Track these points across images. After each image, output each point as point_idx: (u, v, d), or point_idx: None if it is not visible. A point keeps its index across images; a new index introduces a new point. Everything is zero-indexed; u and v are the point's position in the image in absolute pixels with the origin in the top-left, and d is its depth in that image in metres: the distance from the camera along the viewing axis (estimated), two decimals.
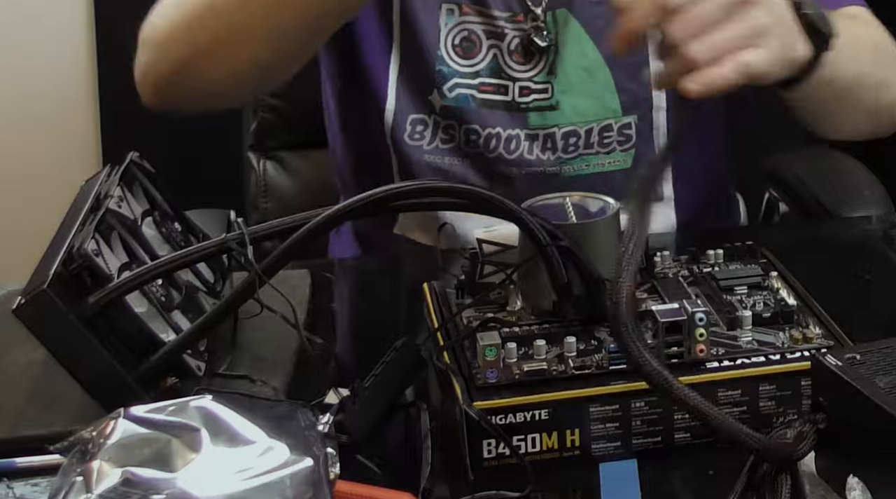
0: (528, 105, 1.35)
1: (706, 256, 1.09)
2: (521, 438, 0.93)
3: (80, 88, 2.47)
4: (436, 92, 1.36)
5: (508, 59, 1.36)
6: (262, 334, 1.09)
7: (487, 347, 0.93)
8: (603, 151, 1.36)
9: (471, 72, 1.35)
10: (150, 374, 0.96)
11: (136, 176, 1.11)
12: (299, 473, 0.79)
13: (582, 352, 0.95)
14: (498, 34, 1.35)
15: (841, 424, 0.84)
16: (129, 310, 0.97)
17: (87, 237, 0.97)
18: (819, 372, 0.86)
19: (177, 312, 1.03)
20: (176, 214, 1.12)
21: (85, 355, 0.95)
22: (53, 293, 0.93)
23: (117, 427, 0.81)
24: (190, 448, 0.80)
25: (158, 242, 1.07)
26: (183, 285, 1.05)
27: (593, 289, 0.98)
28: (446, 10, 1.36)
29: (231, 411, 0.82)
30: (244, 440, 0.81)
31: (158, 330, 0.99)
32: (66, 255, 0.96)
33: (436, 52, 1.36)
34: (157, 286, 1.01)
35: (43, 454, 0.91)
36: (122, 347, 0.96)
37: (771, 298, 1.02)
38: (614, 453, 0.94)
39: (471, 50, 1.36)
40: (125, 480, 0.78)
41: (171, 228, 1.10)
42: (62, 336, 0.94)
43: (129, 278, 0.96)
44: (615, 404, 0.93)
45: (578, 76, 1.35)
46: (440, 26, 1.36)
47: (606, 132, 1.36)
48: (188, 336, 0.98)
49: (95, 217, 1.01)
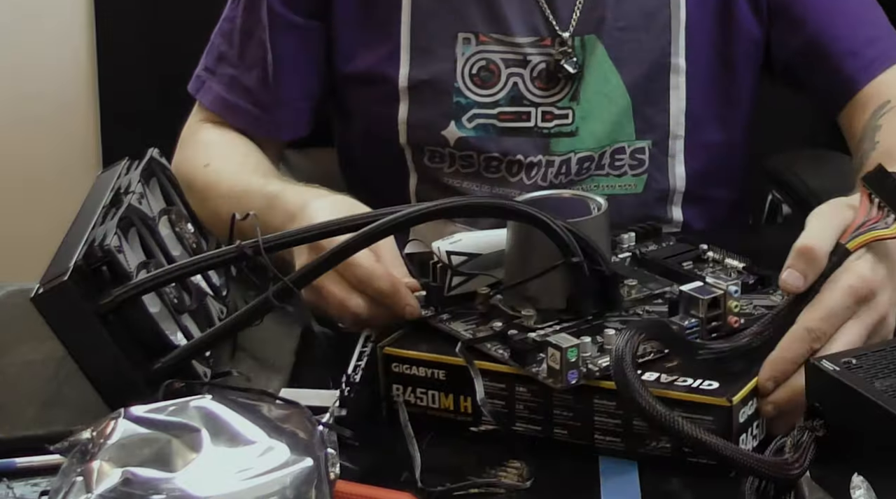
0: (550, 131, 1.34)
1: (620, 239, 1.10)
2: (423, 391, 0.98)
3: (80, 89, 2.47)
4: (452, 124, 1.34)
5: (531, 85, 1.34)
6: (263, 335, 1.09)
7: (570, 349, 0.92)
8: (614, 173, 1.36)
9: (490, 101, 1.34)
10: (159, 375, 0.96)
11: (156, 173, 1.10)
12: (299, 473, 0.79)
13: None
14: (520, 61, 1.33)
15: (840, 429, 0.84)
16: (145, 310, 0.96)
17: (109, 232, 0.96)
18: (815, 378, 0.86)
19: (186, 315, 1.02)
20: (190, 214, 1.12)
21: (97, 351, 0.94)
22: (73, 285, 0.92)
23: (117, 427, 0.81)
24: (190, 448, 0.80)
25: (172, 242, 1.07)
26: (193, 289, 1.04)
27: (609, 281, 0.99)
28: (462, 39, 1.34)
29: (231, 411, 0.82)
30: (244, 440, 0.81)
31: (169, 332, 0.98)
32: (87, 247, 0.95)
33: (452, 84, 1.34)
34: (171, 288, 1.01)
35: (43, 454, 0.91)
36: (134, 346, 0.96)
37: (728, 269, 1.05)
38: (495, 429, 0.96)
39: (489, 79, 1.34)
40: (125, 480, 0.78)
41: (184, 228, 1.09)
42: (77, 330, 0.94)
43: (148, 278, 0.96)
44: (502, 383, 0.96)
45: (599, 102, 1.34)
46: (456, 56, 1.34)
47: (619, 155, 1.35)
48: (204, 340, 0.97)
49: (117, 212, 1.00)
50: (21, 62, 2.45)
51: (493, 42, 1.34)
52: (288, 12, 1.37)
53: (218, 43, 1.43)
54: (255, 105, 1.40)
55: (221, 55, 1.42)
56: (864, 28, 1.36)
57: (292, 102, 1.40)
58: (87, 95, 2.47)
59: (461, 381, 0.97)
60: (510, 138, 1.34)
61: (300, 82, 1.40)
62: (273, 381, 1.02)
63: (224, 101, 1.41)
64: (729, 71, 1.37)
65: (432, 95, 1.35)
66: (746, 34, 1.36)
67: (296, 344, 1.09)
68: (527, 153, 1.34)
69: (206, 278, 1.07)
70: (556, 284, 0.99)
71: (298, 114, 1.41)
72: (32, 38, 2.44)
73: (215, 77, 1.43)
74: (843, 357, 0.86)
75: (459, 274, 1.03)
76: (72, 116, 2.48)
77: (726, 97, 1.38)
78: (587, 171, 1.35)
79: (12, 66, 2.44)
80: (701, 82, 1.36)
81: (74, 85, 2.47)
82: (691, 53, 1.35)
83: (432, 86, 1.34)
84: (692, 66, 1.35)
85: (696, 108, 1.36)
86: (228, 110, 1.41)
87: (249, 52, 1.40)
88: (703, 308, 0.96)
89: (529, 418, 0.96)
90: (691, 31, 1.35)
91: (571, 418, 0.95)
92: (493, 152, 1.34)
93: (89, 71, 2.46)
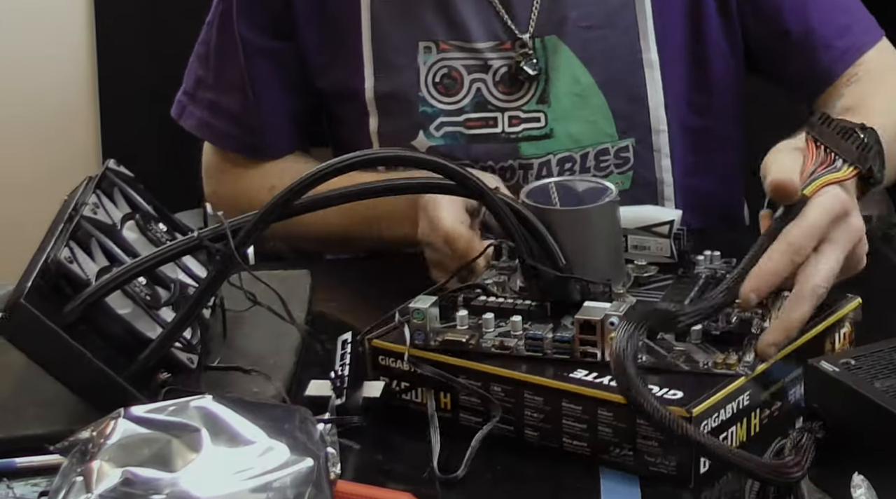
0: (518, 135, 1.35)
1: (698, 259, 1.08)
2: (408, 385, 0.99)
3: (80, 88, 2.47)
4: (421, 134, 1.35)
5: (494, 90, 1.34)
6: (262, 334, 1.09)
7: (416, 311, 0.97)
8: (599, 174, 1.36)
9: (455, 109, 1.34)
10: (140, 372, 0.97)
11: (115, 182, 1.11)
12: (299, 473, 0.79)
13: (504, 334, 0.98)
14: (481, 67, 1.34)
15: (839, 429, 0.84)
16: (112, 312, 0.98)
17: (61, 246, 0.98)
18: (813, 379, 0.86)
19: (166, 309, 1.03)
20: (160, 214, 1.13)
21: (72, 362, 0.95)
22: (31, 305, 0.93)
23: (117, 427, 0.81)
24: (190, 448, 0.80)
25: (143, 245, 1.08)
26: (171, 283, 1.05)
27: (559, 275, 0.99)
28: (423, 48, 1.34)
29: (231, 411, 0.82)
30: (244, 440, 0.81)
31: (146, 329, 0.99)
32: (42, 266, 0.96)
33: (417, 94, 1.34)
34: (141, 286, 1.01)
35: (43, 454, 0.91)
36: (110, 349, 0.97)
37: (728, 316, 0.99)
38: (476, 427, 0.96)
39: (452, 87, 1.34)
40: (125, 480, 0.78)
41: (155, 229, 1.10)
42: (46, 346, 0.95)
43: (105, 281, 0.97)
44: (478, 381, 0.96)
45: (572, 102, 1.34)
46: (419, 65, 1.34)
47: (603, 156, 1.36)
48: (172, 329, 0.98)
49: (70, 226, 1.01)
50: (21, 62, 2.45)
51: (453, 49, 1.34)
52: (256, 37, 1.38)
53: (195, 67, 1.44)
54: (239, 127, 1.41)
55: (199, 79, 1.43)
56: (838, 16, 1.37)
57: (273, 123, 1.41)
58: (87, 95, 2.47)
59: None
60: (479, 145, 1.35)
61: (277, 103, 1.41)
62: (273, 381, 1.02)
63: (209, 127, 1.43)
64: (701, 61, 1.38)
65: (398, 106, 1.35)
66: (717, 24, 1.37)
67: (296, 343, 1.09)
68: (497, 159, 1.34)
69: (186, 271, 1.09)
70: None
71: (280, 133, 1.42)
72: (32, 38, 2.44)
73: (195, 102, 1.44)
74: (843, 358, 0.86)
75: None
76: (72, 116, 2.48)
77: (701, 85, 1.39)
78: (571, 173, 1.35)
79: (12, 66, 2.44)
80: (676, 74, 1.36)
81: (74, 85, 2.47)
82: (663, 47, 1.35)
83: (397, 97, 1.35)
84: (665, 59, 1.35)
85: (673, 99, 1.37)
86: (215, 136, 1.44)
87: (226, 76, 1.41)
88: (576, 326, 0.95)
89: (503, 418, 0.95)
90: (659, 25, 1.35)
91: (542, 420, 0.94)
92: (464, 160, 1.34)
93: (89, 71, 2.46)
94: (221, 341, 1.09)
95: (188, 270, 1.09)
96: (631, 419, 0.90)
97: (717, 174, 1.44)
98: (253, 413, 0.83)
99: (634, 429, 0.90)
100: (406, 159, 1.03)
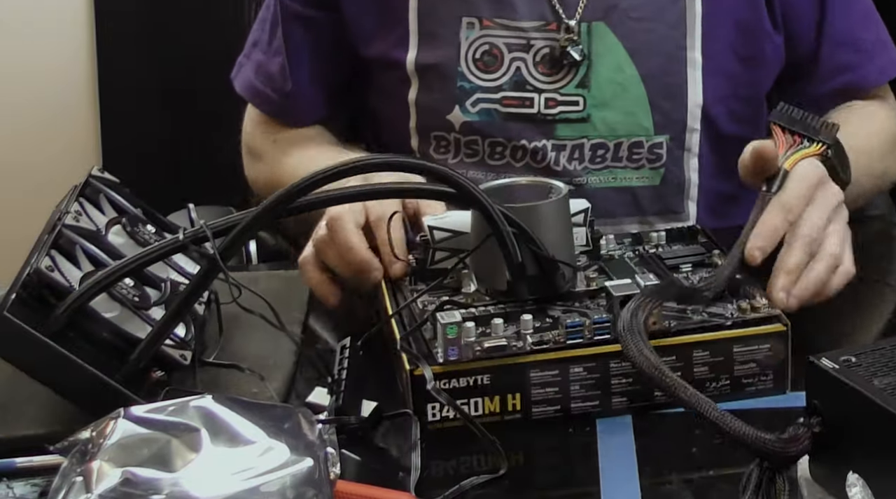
0: (554, 117, 1.35)
1: (649, 237, 1.13)
2: (464, 402, 0.96)
3: (80, 89, 2.47)
4: (457, 109, 1.36)
5: (534, 70, 1.35)
6: (260, 335, 1.09)
7: (448, 326, 0.95)
8: (632, 165, 1.36)
9: (493, 86, 1.35)
10: (132, 373, 0.97)
11: (100, 189, 1.11)
12: (299, 473, 0.79)
13: (538, 329, 0.98)
14: (523, 46, 1.35)
15: (838, 426, 0.84)
16: (98, 316, 0.98)
17: (41, 256, 0.98)
18: (814, 375, 0.86)
19: (157, 309, 1.03)
20: (148, 216, 1.13)
21: (62, 370, 0.95)
22: (14, 316, 0.93)
23: (117, 427, 0.81)
24: (190, 448, 0.80)
25: (131, 248, 1.08)
26: (161, 283, 1.05)
27: (547, 269, 1.00)
28: (466, 23, 1.35)
29: (231, 411, 0.82)
30: (244, 440, 0.81)
31: (136, 330, 0.99)
32: (25, 277, 0.97)
33: (456, 69, 1.35)
34: (129, 288, 1.02)
35: (43, 454, 0.91)
36: (100, 353, 0.97)
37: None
38: (553, 416, 0.97)
39: (492, 64, 1.35)
40: (125, 480, 0.78)
41: (143, 231, 1.10)
42: (33, 356, 0.95)
43: (86, 286, 0.97)
44: (555, 369, 0.96)
45: (612, 91, 1.35)
46: (460, 41, 1.35)
47: (637, 149, 1.36)
48: (160, 328, 0.98)
49: (51, 236, 1.01)
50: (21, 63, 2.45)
51: (497, 27, 1.35)
52: (298, 4, 1.42)
53: (255, 28, 1.48)
54: (275, 92, 1.45)
55: (255, 41, 1.47)
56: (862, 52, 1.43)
57: (304, 89, 1.44)
58: (87, 95, 2.47)
59: (507, 380, 0.97)
60: (514, 123, 1.35)
61: (309, 70, 1.43)
62: (273, 381, 1.02)
63: (252, 88, 1.47)
64: (748, 69, 1.39)
65: (437, 79, 1.36)
66: (767, 36, 1.38)
67: (295, 345, 1.09)
68: (531, 138, 1.35)
69: (178, 270, 1.09)
70: (497, 265, 1.01)
71: (311, 100, 1.45)
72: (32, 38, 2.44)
73: (249, 62, 1.48)
74: (843, 356, 0.86)
75: (440, 249, 1.06)
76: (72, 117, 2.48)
77: (743, 94, 1.39)
78: (602, 160, 1.35)
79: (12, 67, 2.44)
80: (719, 78, 1.37)
81: (74, 85, 2.48)
82: (708, 49, 1.35)
83: (437, 69, 1.36)
84: (709, 61, 1.36)
85: (712, 103, 1.37)
86: (256, 96, 1.47)
87: (275, 40, 1.44)
88: (616, 305, 0.97)
89: (585, 395, 0.97)
90: (707, 26, 1.35)
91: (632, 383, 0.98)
92: (498, 137, 1.35)
93: (89, 71, 2.46)
94: (218, 337, 1.09)
95: (179, 269, 1.09)
96: (727, 350, 0.98)
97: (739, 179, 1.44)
98: (253, 413, 0.83)
99: (732, 359, 0.98)
100: (398, 165, 1.03)
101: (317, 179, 0.96)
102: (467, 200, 0.99)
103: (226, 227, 0.97)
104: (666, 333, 0.98)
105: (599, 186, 1.36)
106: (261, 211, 0.96)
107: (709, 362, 0.99)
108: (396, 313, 1.03)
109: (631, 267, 1.08)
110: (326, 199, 0.99)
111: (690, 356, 0.98)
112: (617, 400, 0.98)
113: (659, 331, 0.97)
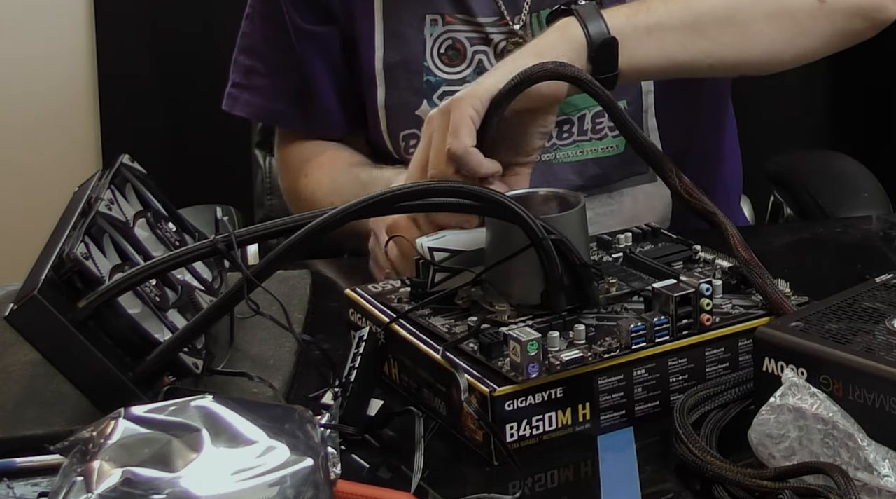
0: None
1: (616, 239, 1.12)
2: (539, 418, 0.94)
3: (80, 88, 2.47)
4: (425, 103, 1.39)
5: (495, 62, 1.38)
6: (262, 335, 1.09)
7: (529, 343, 0.93)
8: (596, 137, 1.39)
9: (457, 79, 1.39)
10: (146, 374, 0.96)
11: (128, 178, 1.11)
12: (299, 473, 0.79)
13: (592, 338, 0.97)
14: (483, 40, 1.39)
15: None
16: (122, 311, 0.97)
17: (76, 241, 0.98)
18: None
19: (173, 311, 1.03)
20: (170, 214, 1.12)
21: (79, 359, 0.95)
22: (45, 298, 0.93)
23: (117, 427, 0.81)
24: (190, 448, 0.80)
25: (153, 243, 1.08)
26: (178, 285, 1.05)
27: (583, 278, 0.99)
28: (430, 20, 1.40)
29: (231, 411, 0.82)
30: (244, 440, 0.81)
31: (154, 330, 0.99)
32: (56, 260, 0.96)
33: (422, 64, 1.39)
34: (151, 287, 1.01)
35: (43, 454, 0.91)
36: (117, 348, 0.97)
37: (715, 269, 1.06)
38: (619, 423, 0.97)
39: (455, 58, 1.40)
40: (125, 480, 0.78)
41: (165, 228, 1.10)
42: (55, 341, 0.95)
43: (118, 281, 0.97)
44: (619, 374, 0.96)
45: None
46: (425, 37, 1.40)
47: (598, 118, 1.39)
48: (181, 336, 0.98)
49: (85, 221, 1.01)
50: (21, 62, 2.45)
51: (458, 22, 1.40)
52: (305, 24, 1.43)
53: (242, 60, 1.49)
54: (298, 106, 1.46)
55: (249, 70, 1.48)
56: None
57: (326, 105, 1.46)
58: (87, 95, 2.47)
59: (577, 391, 0.96)
60: None
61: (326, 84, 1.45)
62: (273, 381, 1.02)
63: (268, 110, 1.49)
64: None
65: (404, 75, 1.40)
66: None
67: (296, 345, 1.09)
68: None
69: (193, 273, 1.08)
70: (530, 279, 1.00)
71: (334, 112, 1.46)
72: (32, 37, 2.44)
73: (249, 90, 1.48)
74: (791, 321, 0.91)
75: (442, 270, 1.04)
76: (72, 116, 2.49)
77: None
78: (569, 135, 1.39)
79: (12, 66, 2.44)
80: None
81: (74, 85, 2.48)
82: None
83: (404, 67, 1.40)
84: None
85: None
86: (275, 116, 1.50)
87: (280, 61, 1.46)
88: (672, 305, 0.97)
89: (647, 396, 0.98)
90: None
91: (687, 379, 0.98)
92: None
93: (89, 70, 2.46)
94: (225, 345, 1.08)
95: (193, 271, 1.09)
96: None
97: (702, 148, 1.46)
98: (253, 413, 0.83)
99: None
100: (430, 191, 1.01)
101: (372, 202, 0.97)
102: (503, 213, 0.98)
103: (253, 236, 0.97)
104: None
105: (568, 160, 1.39)
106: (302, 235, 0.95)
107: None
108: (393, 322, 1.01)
109: (630, 270, 1.07)
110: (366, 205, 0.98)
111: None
112: (675, 397, 0.97)
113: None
